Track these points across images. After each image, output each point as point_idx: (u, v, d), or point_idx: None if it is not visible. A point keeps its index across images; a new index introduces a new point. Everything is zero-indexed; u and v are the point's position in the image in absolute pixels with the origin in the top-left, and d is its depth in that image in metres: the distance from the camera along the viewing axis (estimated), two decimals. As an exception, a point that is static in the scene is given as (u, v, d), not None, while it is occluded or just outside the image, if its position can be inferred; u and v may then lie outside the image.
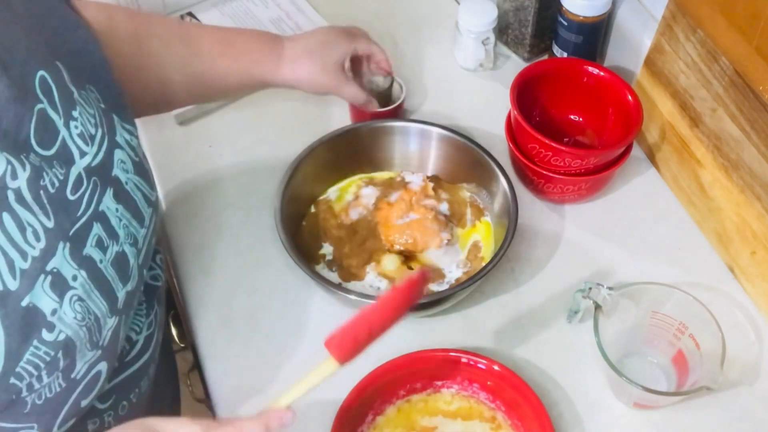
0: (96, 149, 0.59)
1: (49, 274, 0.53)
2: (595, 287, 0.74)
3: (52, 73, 0.56)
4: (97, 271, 0.57)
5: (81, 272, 0.55)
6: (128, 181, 0.62)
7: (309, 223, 0.88)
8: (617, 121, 0.90)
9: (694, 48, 0.83)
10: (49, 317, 0.53)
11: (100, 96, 0.62)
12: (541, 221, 0.91)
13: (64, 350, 0.54)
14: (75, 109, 0.57)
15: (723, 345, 0.71)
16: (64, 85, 0.57)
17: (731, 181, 0.82)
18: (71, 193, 0.56)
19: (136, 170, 0.64)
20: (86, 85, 0.60)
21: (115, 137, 0.62)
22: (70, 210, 0.55)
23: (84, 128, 0.58)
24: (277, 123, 1.00)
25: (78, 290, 0.55)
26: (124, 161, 0.62)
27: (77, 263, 0.55)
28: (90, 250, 0.57)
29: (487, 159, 0.86)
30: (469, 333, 0.82)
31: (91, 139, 0.58)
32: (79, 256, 0.56)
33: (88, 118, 0.58)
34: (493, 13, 1.00)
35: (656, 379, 0.78)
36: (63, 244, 0.54)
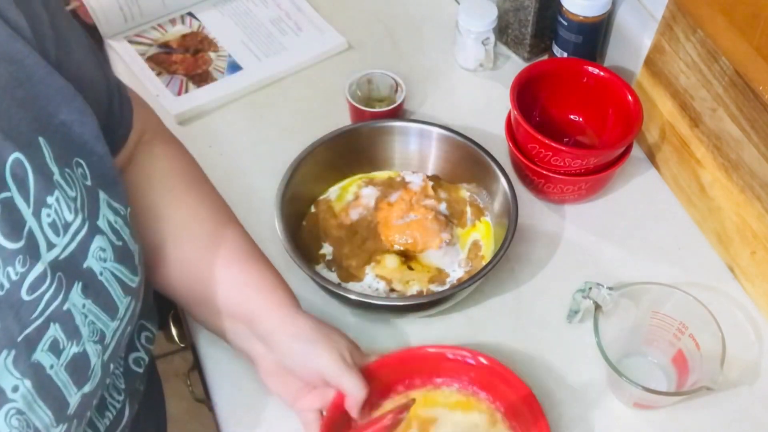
0: (68, 240, 0.53)
1: None
2: (595, 287, 0.74)
3: (29, 155, 0.51)
4: (44, 378, 0.51)
5: (24, 382, 0.50)
6: (103, 272, 0.56)
7: (309, 223, 0.88)
8: (617, 121, 0.90)
9: (694, 48, 0.83)
10: None
11: (89, 170, 0.56)
12: (541, 221, 0.91)
13: None
14: (51, 195, 0.52)
15: (723, 345, 0.71)
16: (43, 166, 0.52)
17: (731, 181, 0.82)
18: (27, 293, 0.50)
19: (117, 257, 0.58)
20: (74, 159, 0.55)
21: (97, 221, 0.56)
22: (21, 313, 0.50)
23: (58, 216, 0.52)
24: (277, 123, 1.00)
25: (18, 402, 0.50)
26: (103, 249, 0.56)
27: (20, 372, 0.50)
28: (40, 355, 0.51)
29: (487, 159, 0.86)
30: (470, 333, 0.82)
31: (64, 229, 0.53)
32: (25, 363, 0.50)
33: (66, 202, 0.53)
34: (493, 13, 1.00)
35: (656, 379, 0.78)
36: (7, 352, 0.49)
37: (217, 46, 1.07)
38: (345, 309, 0.83)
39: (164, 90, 1.02)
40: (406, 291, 0.82)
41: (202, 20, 1.10)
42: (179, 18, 1.10)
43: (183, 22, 1.10)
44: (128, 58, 1.05)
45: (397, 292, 0.82)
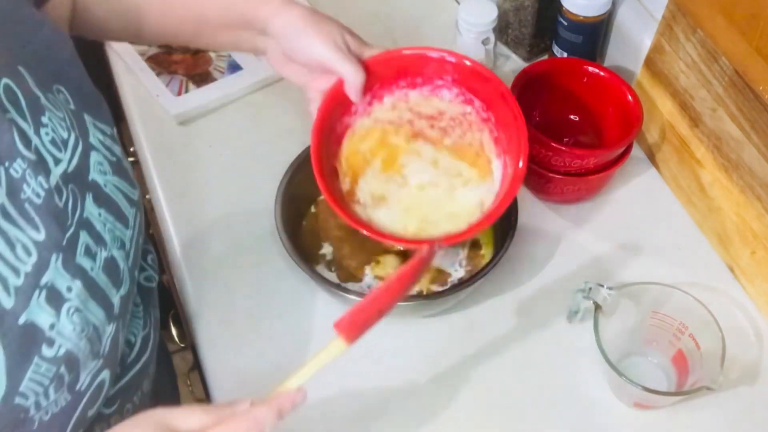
0: (70, 154, 0.57)
1: (44, 289, 0.52)
2: (595, 287, 0.74)
3: (15, 80, 0.54)
4: (90, 280, 0.56)
5: (75, 282, 0.54)
6: (107, 184, 0.60)
7: (309, 223, 0.88)
8: (617, 121, 0.90)
9: (694, 48, 0.83)
10: (47, 332, 0.52)
11: (70, 96, 0.60)
12: (541, 221, 0.91)
13: (66, 364, 0.53)
14: (44, 115, 0.55)
15: (723, 345, 0.71)
16: (29, 91, 0.55)
17: (731, 181, 0.82)
18: (60, 200, 0.54)
19: (114, 170, 0.61)
20: (53, 86, 0.58)
21: (89, 139, 0.60)
22: (60, 219, 0.54)
23: (55, 134, 0.56)
24: (277, 123, 1.00)
25: (74, 301, 0.54)
26: (101, 163, 0.60)
27: (71, 274, 0.54)
28: (80, 259, 0.55)
29: (487, 159, 0.86)
30: (470, 333, 0.82)
31: (63, 145, 0.56)
32: (73, 265, 0.54)
33: (58, 122, 0.56)
34: (493, 13, 0.99)
35: (656, 379, 0.78)
36: (56, 255, 0.53)
37: (217, 46, 1.07)
38: (345, 309, 0.83)
39: (164, 90, 1.02)
40: (406, 291, 0.82)
41: (202, 20, 1.10)
42: None
43: (183, 22, 1.09)
44: (128, 58, 1.05)
45: None
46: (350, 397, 0.78)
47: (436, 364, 0.80)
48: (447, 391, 0.78)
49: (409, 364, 0.80)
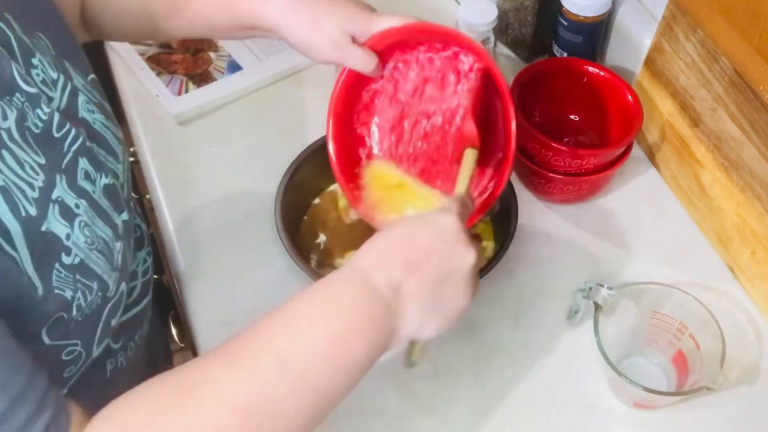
0: (60, 93, 0.61)
1: (56, 203, 0.56)
2: (595, 287, 0.74)
3: (6, 25, 0.58)
4: (93, 201, 0.60)
5: (81, 201, 0.58)
6: (95, 121, 0.64)
7: (311, 216, 0.88)
8: (617, 121, 0.90)
9: (694, 48, 0.83)
10: (65, 242, 0.56)
11: (50, 44, 0.63)
12: (541, 221, 0.91)
13: (81, 273, 0.57)
14: (34, 57, 0.59)
15: (723, 345, 0.71)
16: (18, 36, 0.58)
17: (731, 181, 0.82)
18: (56, 131, 0.58)
19: (99, 111, 0.65)
20: (36, 33, 0.61)
21: (74, 82, 0.63)
22: (56, 147, 0.58)
23: (45, 74, 0.60)
24: (277, 123, 1.00)
25: (83, 217, 0.58)
26: (88, 102, 0.64)
27: (75, 193, 0.58)
28: (82, 182, 0.59)
29: (487, 159, 0.86)
30: (470, 333, 0.82)
31: (53, 84, 0.60)
32: (76, 186, 0.58)
33: (47, 63, 0.60)
34: (493, 13, 0.99)
35: (656, 379, 0.78)
36: (60, 176, 0.57)
37: (217, 46, 1.07)
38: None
39: (164, 90, 1.02)
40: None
41: (202, 20, 1.10)
42: None
43: (183, 22, 1.09)
44: (128, 58, 1.05)
45: None
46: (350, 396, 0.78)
47: (436, 363, 0.80)
48: (447, 391, 0.78)
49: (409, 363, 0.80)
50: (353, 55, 0.71)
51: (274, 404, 0.52)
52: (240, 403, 0.51)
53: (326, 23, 0.71)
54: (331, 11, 0.71)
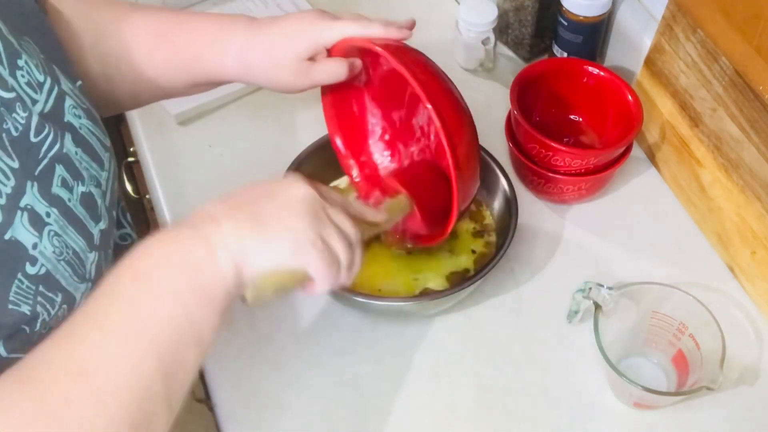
0: (46, 96, 0.60)
1: (25, 211, 0.54)
2: (595, 287, 0.74)
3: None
4: (67, 209, 0.58)
5: (53, 210, 0.57)
6: (82, 127, 0.63)
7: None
8: (617, 121, 0.90)
9: (694, 48, 0.83)
10: (31, 251, 0.54)
11: (38, 47, 0.62)
12: (541, 221, 0.91)
13: (45, 284, 0.55)
14: (20, 58, 0.58)
15: (723, 345, 0.71)
16: (3, 37, 0.57)
17: (731, 181, 0.82)
18: (34, 136, 0.57)
19: (87, 116, 0.64)
20: (24, 36, 0.61)
21: (61, 86, 0.62)
22: (32, 152, 0.56)
23: (31, 76, 0.59)
24: (277, 123, 1.00)
25: (53, 226, 0.56)
26: (75, 107, 0.63)
27: (47, 201, 0.56)
28: (56, 189, 0.58)
29: (487, 159, 0.86)
30: (470, 333, 0.82)
31: (39, 87, 0.59)
32: (48, 194, 0.57)
33: (34, 66, 0.59)
34: (493, 13, 1.00)
35: (656, 379, 0.78)
36: (31, 183, 0.55)
37: (217, 46, 1.07)
38: (345, 309, 0.83)
39: (164, 90, 1.01)
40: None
41: (202, 20, 1.09)
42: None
43: (183, 22, 1.09)
44: (128, 58, 1.05)
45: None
46: (350, 396, 0.78)
47: (436, 363, 0.80)
48: (447, 391, 0.78)
49: (409, 363, 0.80)
50: (319, 73, 0.73)
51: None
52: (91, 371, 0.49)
53: (281, 59, 0.72)
54: (282, 42, 0.72)
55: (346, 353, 0.81)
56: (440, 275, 0.83)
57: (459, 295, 0.80)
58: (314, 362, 0.80)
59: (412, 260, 0.85)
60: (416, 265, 0.84)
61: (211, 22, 0.75)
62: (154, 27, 0.74)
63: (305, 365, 0.80)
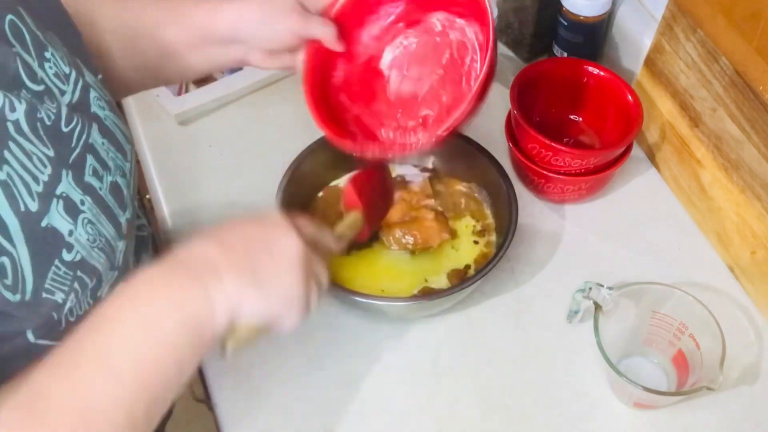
0: (72, 87, 0.61)
1: (60, 198, 0.56)
2: (595, 287, 0.74)
3: (19, 18, 0.57)
4: (99, 198, 0.60)
5: (86, 197, 0.58)
6: (107, 118, 0.64)
7: (312, 210, 0.89)
8: (617, 121, 0.90)
9: (694, 48, 0.83)
10: (67, 238, 0.56)
11: (62, 41, 0.63)
12: (541, 221, 0.91)
13: (82, 270, 0.57)
14: (47, 50, 0.59)
15: (723, 345, 0.71)
16: (31, 29, 0.58)
17: (731, 181, 0.82)
18: (65, 125, 0.58)
19: (110, 108, 0.65)
20: (48, 30, 0.62)
21: (86, 78, 0.63)
22: (65, 141, 0.58)
23: (58, 68, 0.60)
24: (277, 123, 1.00)
25: (87, 214, 0.58)
26: (99, 99, 0.64)
27: (81, 189, 0.58)
28: (89, 178, 0.59)
29: (487, 159, 0.86)
30: (470, 333, 0.82)
31: (66, 78, 0.60)
32: (82, 182, 0.58)
33: (60, 57, 0.60)
34: (493, 13, 0.99)
35: (656, 379, 0.78)
36: (66, 171, 0.57)
37: (217, 46, 1.07)
38: (345, 309, 0.83)
39: (164, 90, 1.02)
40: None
41: (202, 20, 1.10)
42: None
43: (183, 22, 1.09)
44: (128, 58, 1.05)
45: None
46: (350, 396, 0.78)
47: (436, 363, 0.80)
48: (447, 391, 0.78)
49: (409, 363, 0.80)
50: (314, 20, 0.73)
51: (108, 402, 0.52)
52: (76, 408, 0.51)
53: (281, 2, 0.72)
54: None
55: (346, 353, 0.81)
56: (442, 274, 0.84)
57: (459, 295, 0.80)
58: (314, 362, 0.80)
59: (415, 260, 0.85)
60: (419, 264, 0.84)
61: None
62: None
63: (305, 365, 0.80)
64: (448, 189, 0.90)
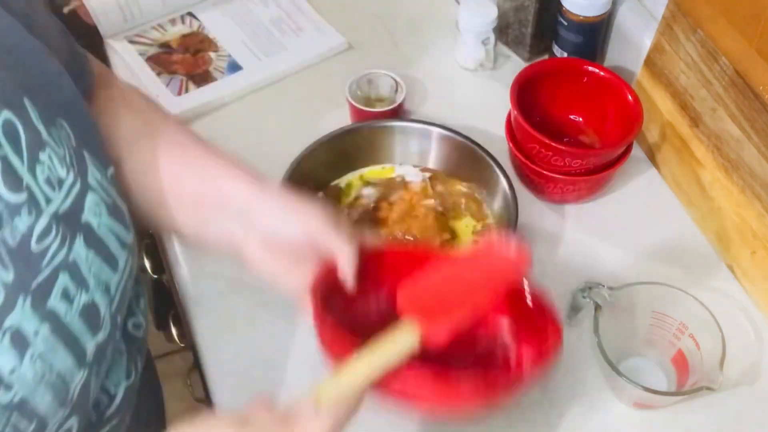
0: (64, 194, 0.54)
1: (8, 331, 0.49)
2: (595, 287, 0.74)
3: (18, 113, 0.52)
4: (60, 326, 0.53)
5: (43, 327, 0.51)
6: (100, 226, 0.57)
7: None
8: (617, 121, 0.90)
9: (694, 48, 0.83)
10: (6, 377, 0.49)
11: (72, 131, 0.57)
12: (541, 221, 0.91)
13: (19, 411, 0.50)
14: (43, 151, 0.53)
15: (723, 345, 0.71)
16: (31, 126, 0.53)
17: (731, 181, 0.82)
18: (36, 242, 0.51)
19: (110, 212, 0.58)
20: (57, 119, 0.56)
21: (87, 179, 0.57)
22: (32, 262, 0.51)
23: (51, 172, 0.53)
24: (277, 123, 1.00)
25: (39, 347, 0.51)
26: (97, 204, 0.57)
27: (39, 317, 0.51)
28: (54, 302, 0.52)
29: (487, 159, 0.86)
30: (469, 333, 0.82)
31: (59, 184, 0.54)
32: (42, 309, 0.51)
33: (58, 160, 0.54)
34: (493, 13, 1.00)
35: (656, 379, 0.78)
36: (24, 297, 0.50)
37: (217, 46, 1.07)
38: (345, 309, 0.83)
39: (164, 90, 1.02)
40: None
41: (202, 20, 1.10)
42: (179, 18, 1.10)
43: (183, 22, 1.10)
44: (128, 58, 1.05)
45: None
46: (350, 397, 0.78)
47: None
48: (447, 391, 0.78)
49: (409, 364, 0.80)
50: (342, 229, 0.63)
51: None
52: None
53: (313, 203, 0.65)
54: (314, 201, 0.66)
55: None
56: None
57: (459, 295, 0.80)
58: (314, 362, 0.80)
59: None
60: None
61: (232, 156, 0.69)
62: (188, 133, 0.71)
63: (305, 365, 0.80)
64: (448, 189, 0.90)
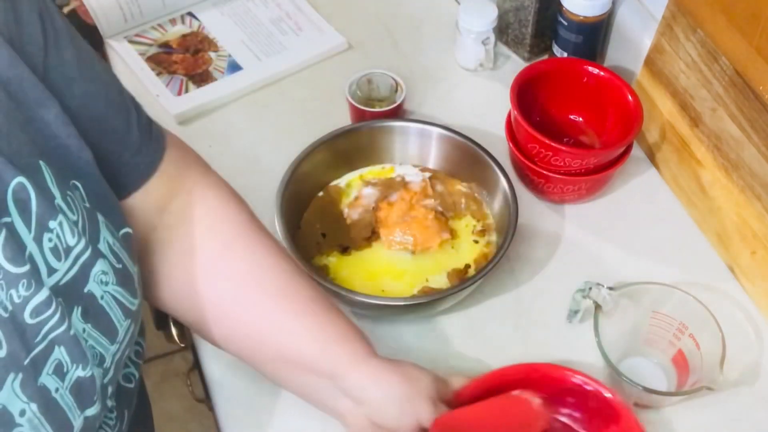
0: (70, 264, 0.53)
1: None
2: (595, 287, 0.74)
3: (32, 178, 0.50)
4: (50, 402, 0.51)
5: (31, 405, 0.49)
6: (104, 295, 0.56)
7: (313, 207, 0.89)
8: (617, 121, 0.90)
9: (694, 48, 0.83)
10: None
11: (86, 193, 0.56)
12: (541, 221, 0.91)
13: None
14: (54, 219, 0.51)
15: (723, 345, 0.71)
16: (45, 190, 0.51)
17: (731, 181, 0.82)
18: (30, 316, 0.50)
19: (118, 280, 0.57)
20: (71, 181, 0.55)
21: (98, 245, 0.55)
22: (26, 336, 0.49)
23: (60, 240, 0.52)
24: (277, 123, 1.00)
25: (24, 427, 0.49)
26: (105, 272, 0.55)
27: (28, 395, 0.49)
28: (45, 378, 0.50)
29: (487, 159, 0.86)
30: (470, 333, 0.82)
31: (66, 253, 0.52)
32: (32, 387, 0.49)
33: (69, 226, 0.52)
34: (493, 13, 1.00)
35: (656, 379, 0.78)
36: (14, 375, 0.48)
37: (217, 46, 1.07)
38: (346, 307, 0.83)
39: (164, 90, 1.02)
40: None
41: (202, 20, 1.10)
42: (179, 18, 1.10)
43: (183, 21, 1.10)
44: (128, 58, 1.05)
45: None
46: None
47: (436, 364, 0.80)
48: (447, 391, 0.78)
49: (409, 364, 0.80)
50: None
51: None
52: None
53: (422, 383, 0.66)
54: (421, 378, 0.67)
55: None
56: (442, 273, 0.84)
57: (459, 295, 0.80)
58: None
59: (415, 260, 0.85)
60: (419, 264, 0.84)
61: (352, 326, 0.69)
62: (314, 293, 0.69)
63: (305, 365, 0.80)
64: (448, 189, 0.90)
